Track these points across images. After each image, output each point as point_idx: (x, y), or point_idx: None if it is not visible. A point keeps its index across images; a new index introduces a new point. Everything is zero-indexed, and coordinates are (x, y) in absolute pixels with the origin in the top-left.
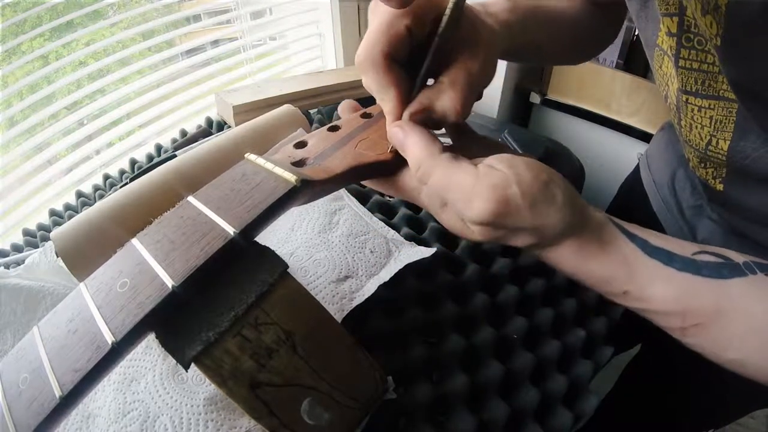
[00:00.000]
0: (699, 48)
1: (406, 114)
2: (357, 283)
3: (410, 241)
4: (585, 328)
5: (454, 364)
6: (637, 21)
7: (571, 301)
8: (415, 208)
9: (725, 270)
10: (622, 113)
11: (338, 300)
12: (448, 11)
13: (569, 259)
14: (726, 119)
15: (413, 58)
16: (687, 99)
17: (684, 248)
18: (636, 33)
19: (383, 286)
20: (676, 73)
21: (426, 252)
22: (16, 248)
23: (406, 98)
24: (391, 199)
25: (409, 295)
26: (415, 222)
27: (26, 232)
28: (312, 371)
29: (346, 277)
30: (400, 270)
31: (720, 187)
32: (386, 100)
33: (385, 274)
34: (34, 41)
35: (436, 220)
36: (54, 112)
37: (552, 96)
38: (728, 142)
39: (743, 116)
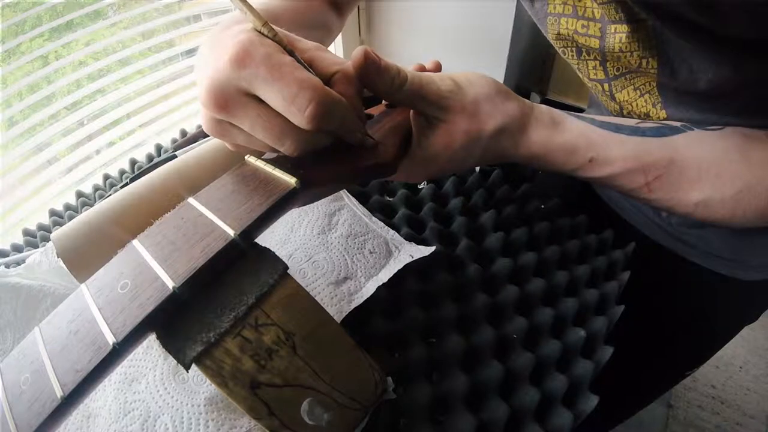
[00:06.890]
0: None
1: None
2: (356, 285)
3: (410, 241)
4: (585, 328)
5: (454, 364)
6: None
7: (572, 300)
8: (415, 209)
9: (666, 130)
10: None
11: (337, 302)
12: None
13: (539, 135)
14: (647, 37)
15: None
16: (615, 29)
17: (627, 121)
18: None
19: (383, 286)
20: (600, 10)
21: (426, 250)
22: (16, 248)
23: None
24: (391, 199)
25: (409, 295)
26: (415, 222)
27: (26, 232)
28: (312, 372)
29: (345, 279)
30: (399, 270)
31: (663, 113)
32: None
33: (384, 275)
34: (33, 41)
35: (436, 220)
36: (54, 112)
37: (552, 96)
38: (656, 58)
39: (656, 30)
